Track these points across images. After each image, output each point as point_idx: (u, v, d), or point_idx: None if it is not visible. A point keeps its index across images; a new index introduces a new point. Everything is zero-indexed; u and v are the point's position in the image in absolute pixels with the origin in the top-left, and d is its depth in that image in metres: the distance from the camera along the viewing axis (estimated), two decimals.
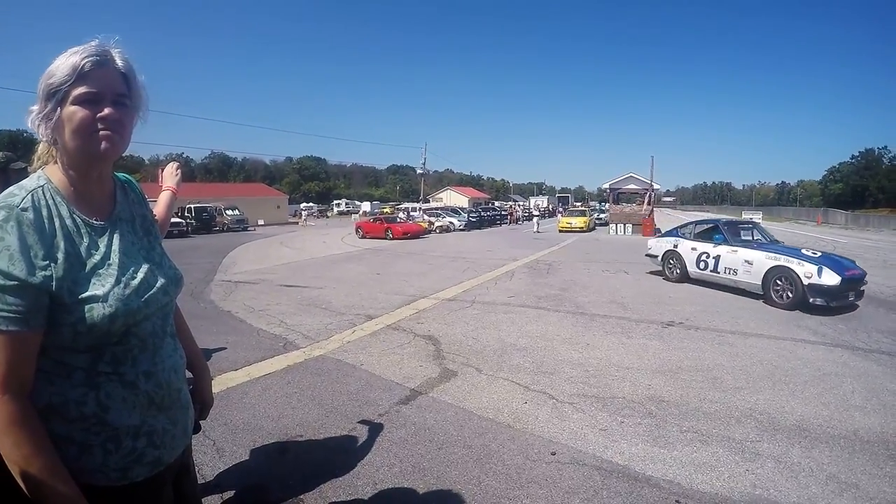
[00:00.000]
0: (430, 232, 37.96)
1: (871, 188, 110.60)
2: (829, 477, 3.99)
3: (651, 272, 15.32)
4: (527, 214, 56.80)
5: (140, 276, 1.49)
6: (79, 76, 1.38)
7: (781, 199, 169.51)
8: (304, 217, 53.99)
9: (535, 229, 40.29)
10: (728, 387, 5.94)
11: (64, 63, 1.38)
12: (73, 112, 1.39)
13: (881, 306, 11.00)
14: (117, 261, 1.45)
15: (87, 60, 1.39)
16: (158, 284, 1.54)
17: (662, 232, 17.99)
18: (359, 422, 4.87)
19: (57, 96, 1.38)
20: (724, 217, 29.68)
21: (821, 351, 7.48)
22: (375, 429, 4.71)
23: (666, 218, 61.08)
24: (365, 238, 31.77)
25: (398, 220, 35.53)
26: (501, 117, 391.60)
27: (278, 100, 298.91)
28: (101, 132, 1.41)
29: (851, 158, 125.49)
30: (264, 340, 7.74)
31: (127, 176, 1.71)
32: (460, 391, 5.72)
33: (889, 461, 4.26)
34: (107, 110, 1.41)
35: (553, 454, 4.29)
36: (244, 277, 14.77)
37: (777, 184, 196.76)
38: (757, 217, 32.93)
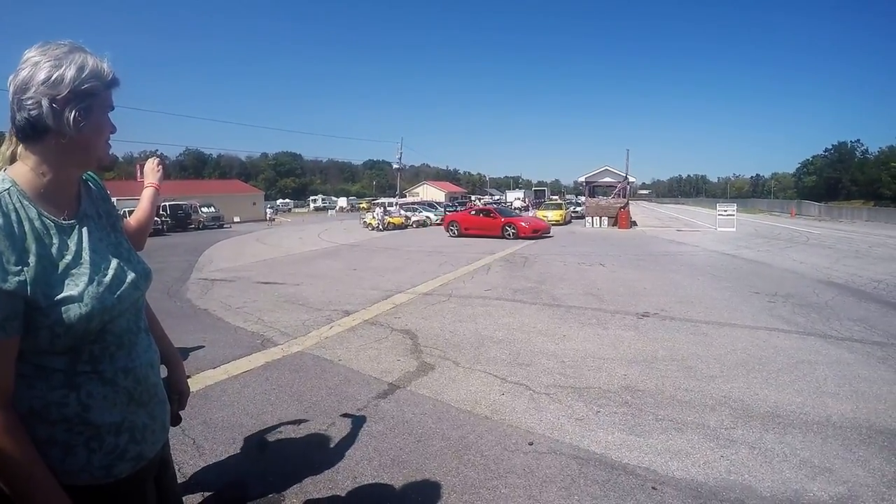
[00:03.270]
0: (406, 227, 38.03)
1: (843, 180, 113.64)
2: (803, 462, 4.14)
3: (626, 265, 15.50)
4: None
5: (111, 272, 1.50)
6: (112, 83, 1.46)
7: (756, 191, 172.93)
8: (268, 216, 53.16)
9: None
10: (703, 375, 6.10)
11: (101, 65, 1.44)
12: (104, 119, 1.47)
13: (853, 295, 11.31)
14: (88, 259, 1.46)
15: (111, 70, 1.46)
16: (129, 280, 1.55)
17: (637, 224, 18.60)
18: (338, 417, 4.93)
19: (95, 98, 1.43)
20: None
21: (794, 339, 7.70)
22: (354, 423, 4.76)
23: (641, 211, 61.99)
24: (463, 236, 27.53)
25: (515, 211, 33.30)
26: (478, 111, 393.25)
27: (253, 95, 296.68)
28: (108, 143, 1.51)
29: (825, 151, 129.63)
30: (242, 338, 7.79)
31: (90, 173, 1.71)
32: (438, 384, 5.80)
33: (861, 445, 4.42)
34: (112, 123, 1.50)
35: (530, 444, 4.39)
36: (221, 275, 14.83)
37: (752, 176, 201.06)
38: (731, 209, 33.32)
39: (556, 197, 70.28)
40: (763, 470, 4.00)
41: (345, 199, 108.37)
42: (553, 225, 36.86)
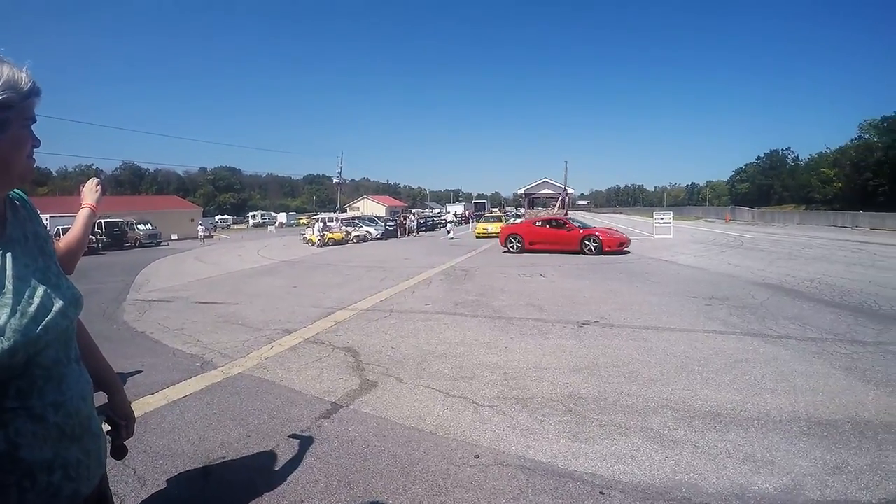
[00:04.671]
0: (346, 242, 37.83)
1: (775, 186, 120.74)
2: (746, 457, 4.35)
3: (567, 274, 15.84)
4: (423, 223, 56.76)
5: (37, 301, 1.42)
6: (32, 93, 1.39)
7: (691, 199, 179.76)
8: (201, 235, 51.63)
9: (449, 236, 40.95)
10: (644, 380, 6.31)
11: (19, 75, 1.37)
12: (23, 133, 1.39)
13: (787, 295, 11.97)
14: (12, 288, 1.38)
15: (31, 79, 1.39)
16: (57, 308, 1.47)
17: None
18: (282, 439, 4.87)
19: (12, 110, 1.36)
20: None
21: (731, 340, 8.07)
22: (299, 445, 4.72)
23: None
24: (528, 252, 23.79)
25: (581, 221, 27.00)
26: (418, 125, 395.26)
27: (192, 108, 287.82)
28: (32, 157, 1.43)
29: (757, 159, 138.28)
30: (181, 361, 7.69)
31: (18, 191, 1.62)
32: (381, 401, 5.80)
33: (801, 437, 4.69)
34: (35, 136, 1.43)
35: (477, 457, 4.43)
36: (158, 296, 14.65)
37: (687, 185, 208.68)
38: (667, 217, 34.50)
39: (496, 209, 71.33)
40: (707, 468, 4.18)
41: (284, 214, 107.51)
42: (493, 237, 37.34)
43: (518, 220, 48.88)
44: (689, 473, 4.09)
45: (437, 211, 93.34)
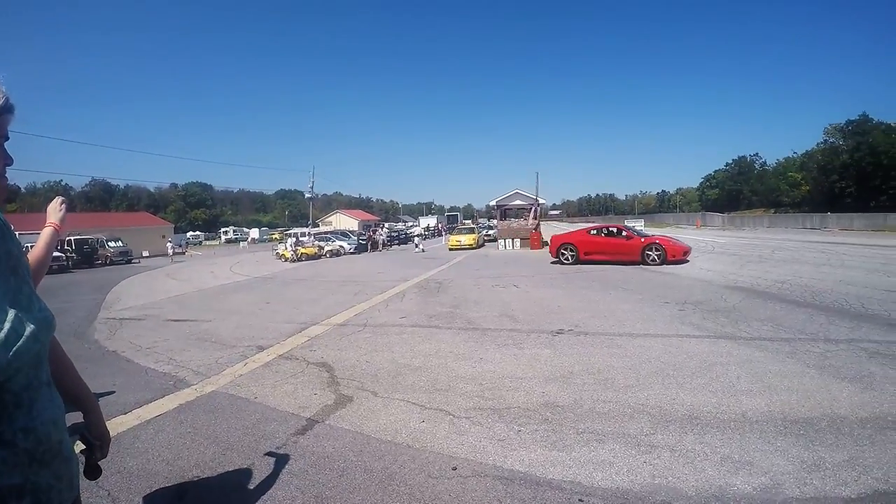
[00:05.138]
0: (320, 257, 37.64)
1: (744, 191, 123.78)
2: (724, 458, 4.39)
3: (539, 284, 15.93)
4: (395, 236, 56.59)
5: (7, 326, 1.36)
6: (4, 110, 1.34)
7: (662, 206, 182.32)
8: (170, 252, 50.81)
9: (417, 249, 40.98)
10: (619, 386, 6.36)
11: None
12: None
13: (759, 297, 12.21)
14: None
15: (4, 95, 1.35)
16: (28, 333, 1.41)
17: (549, 244, 18.50)
18: (257, 457, 4.81)
19: None
20: None
21: (705, 344, 8.19)
22: (274, 462, 4.67)
23: (553, 231, 63.85)
24: (582, 263, 22.43)
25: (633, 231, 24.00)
26: (390, 138, 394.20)
27: (163, 123, 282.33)
28: (5, 176, 1.38)
29: (726, 165, 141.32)
30: (154, 380, 7.61)
31: None
32: (357, 416, 5.77)
33: (778, 437, 4.76)
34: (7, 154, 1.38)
35: (454, 469, 4.42)
36: (130, 314, 14.48)
37: (658, 192, 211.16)
38: (639, 225, 35.07)
39: (469, 221, 71.64)
40: (686, 471, 4.20)
41: (257, 230, 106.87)
42: (466, 249, 37.43)
43: (491, 232, 49.10)
44: (668, 477, 4.11)
45: (410, 224, 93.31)
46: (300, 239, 41.95)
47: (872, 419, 5.13)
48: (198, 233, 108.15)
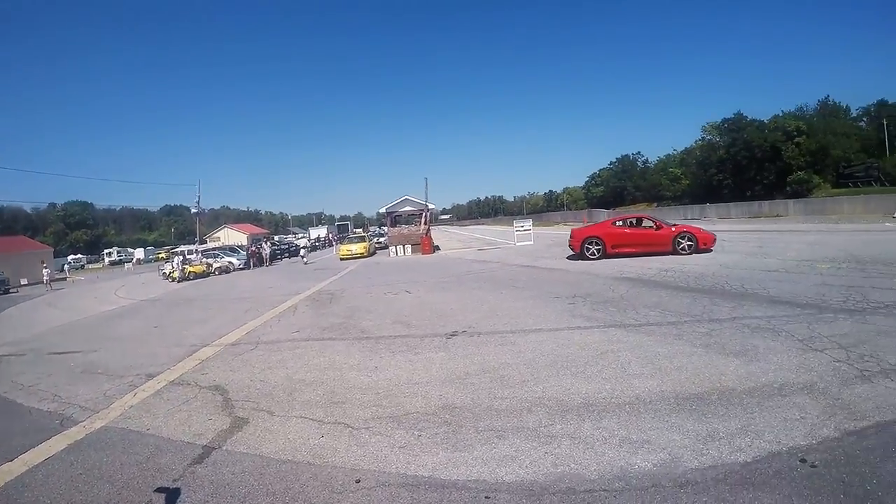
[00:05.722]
0: (208, 274, 36.17)
1: (628, 188, 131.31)
2: (622, 440, 4.59)
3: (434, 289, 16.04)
4: (285, 249, 55.29)
5: None
6: None
7: (550, 205, 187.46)
8: (46, 279, 47.10)
9: (304, 261, 40.29)
10: (515, 382, 6.50)
11: None
12: None
13: (645, 286, 12.87)
14: None
15: None
16: None
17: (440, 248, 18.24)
18: (154, 492, 4.57)
19: None
20: None
21: (596, 334, 8.52)
22: (172, 496, 4.45)
23: (444, 235, 64.66)
24: (609, 257, 20.51)
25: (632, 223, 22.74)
26: (278, 149, 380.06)
27: (36, 138, 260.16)
28: None
29: (610, 164, 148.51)
30: (38, 420, 7.19)
31: None
32: (254, 438, 5.59)
33: (672, 414, 5.05)
34: None
35: (358, 482, 4.36)
36: (8, 350, 13.58)
37: (545, 192, 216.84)
38: (527, 224, 35.82)
39: (360, 230, 71.31)
40: (587, 456, 4.36)
41: (142, 249, 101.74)
42: (358, 258, 37.09)
43: (382, 239, 48.90)
44: (570, 465, 4.24)
45: (301, 236, 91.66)
46: (187, 257, 40.22)
47: (759, 388, 5.56)
48: (79, 256, 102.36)
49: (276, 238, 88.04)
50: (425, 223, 40.13)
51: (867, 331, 7.43)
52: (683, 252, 19.51)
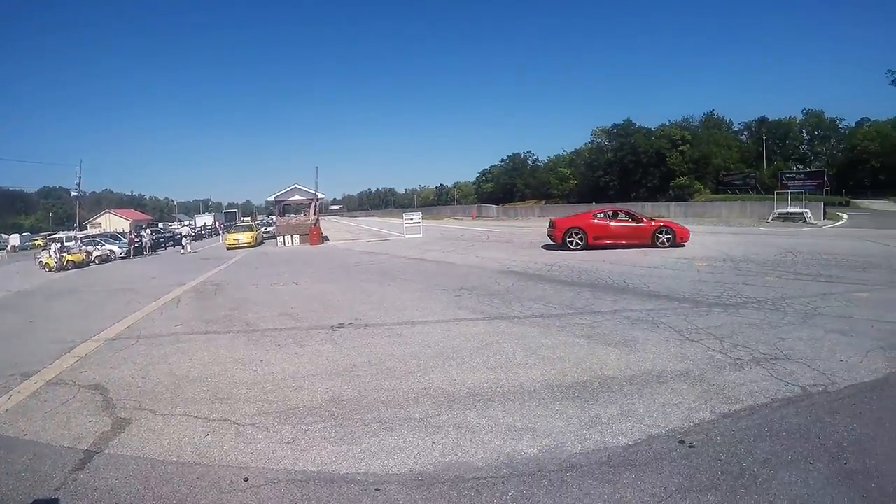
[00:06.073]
0: (88, 263, 33.92)
1: (518, 185, 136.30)
2: (508, 427, 4.72)
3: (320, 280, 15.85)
4: (169, 237, 52.87)
5: None
6: None
7: (441, 199, 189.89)
8: None
9: (185, 250, 38.57)
10: (402, 373, 6.55)
11: None
12: None
13: (530, 279, 13.27)
14: None
15: None
16: None
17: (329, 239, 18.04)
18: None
19: None
20: None
21: (481, 325, 8.73)
22: None
23: (333, 226, 63.92)
24: (591, 248, 20.78)
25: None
26: (164, 132, 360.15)
27: None
28: None
29: (501, 161, 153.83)
30: None
31: None
32: (138, 440, 5.28)
33: (556, 402, 5.26)
34: None
35: (246, 480, 4.23)
36: None
37: (436, 186, 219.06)
38: (417, 217, 36.09)
39: (248, 218, 69.38)
40: (473, 444, 4.45)
41: (17, 235, 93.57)
42: (245, 247, 35.99)
43: (270, 229, 47.65)
44: (458, 454, 4.31)
45: (188, 222, 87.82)
46: (66, 244, 37.59)
47: (638, 376, 5.92)
48: None
49: (161, 225, 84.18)
50: (315, 213, 39.54)
51: (739, 323, 8.11)
52: (662, 246, 20.23)
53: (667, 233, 20.64)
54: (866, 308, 8.99)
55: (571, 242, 21.10)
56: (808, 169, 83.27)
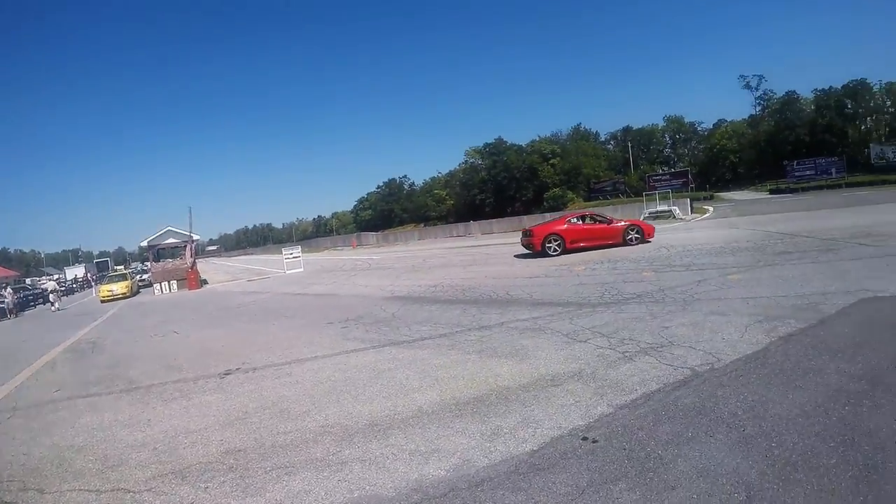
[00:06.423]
0: None
1: (395, 210, 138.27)
2: (412, 453, 4.70)
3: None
4: (36, 295, 49.13)
5: None
6: None
7: (319, 231, 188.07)
8: None
9: (53, 308, 35.92)
10: (297, 414, 6.37)
11: None
12: None
13: (416, 302, 13.38)
14: None
15: None
16: None
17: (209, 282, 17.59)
18: None
19: None
20: None
21: (372, 354, 8.69)
22: None
23: (212, 267, 61.72)
24: (569, 252, 21.49)
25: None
26: (24, 178, 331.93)
27: None
28: None
29: (377, 188, 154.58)
30: None
31: None
32: None
33: (455, 420, 5.31)
34: None
35: None
36: None
37: (314, 218, 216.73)
38: (296, 251, 35.50)
39: (121, 267, 65.96)
40: (380, 475, 4.39)
41: None
42: (120, 298, 34.01)
43: (146, 276, 45.35)
44: (366, 487, 4.24)
45: (58, 277, 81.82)
46: None
47: (533, 383, 6.09)
48: None
49: (28, 281, 78.24)
50: (191, 256, 38.00)
51: (624, 318, 8.54)
52: (631, 243, 21.34)
53: (636, 232, 21.97)
54: (739, 288, 9.77)
55: (550, 248, 21.71)
56: (673, 169, 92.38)
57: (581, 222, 23.03)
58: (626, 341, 7.27)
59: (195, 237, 39.61)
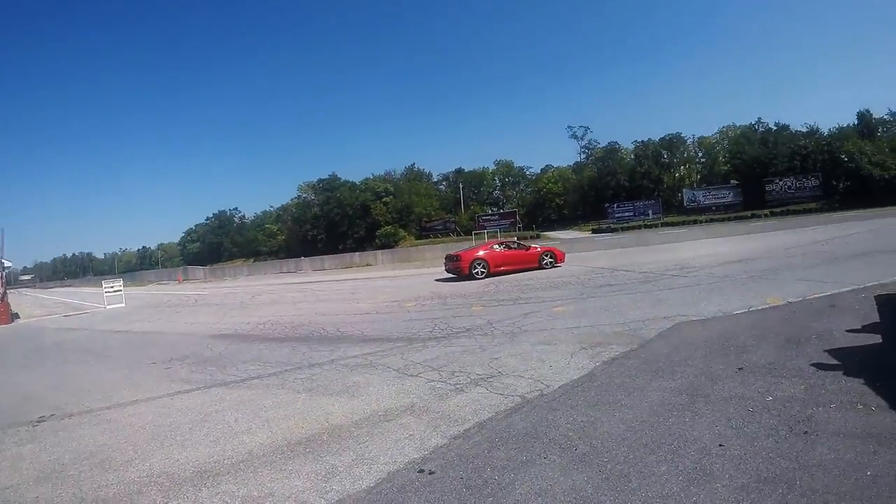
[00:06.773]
0: None
1: (225, 243, 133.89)
2: (244, 499, 4.54)
3: None
4: None
5: None
6: None
7: (144, 263, 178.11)
8: None
9: None
10: (119, 464, 5.85)
11: None
12: None
13: (244, 341, 13.00)
14: None
15: None
16: None
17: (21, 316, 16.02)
18: None
19: None
20: None
21: (197, 396, 8.27)
22: None
23: (23, 300, 55.91)
24: (493, 275, 23.71)
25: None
26: None
27: None
28: None
29: (207, 220, 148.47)
30: None
31: None
32: None
33: (288, 461, 5.21)
34: None
35: None
36: None
37: (139, 249, 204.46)
38: (118, 285, 33.13)
39: None
40: None
41: None
42: None
43: None
44: None
45: None
46: None
47: (366, 419, 6.12)
48: None
49: None
50: (1, 286, 34.31)
51: (454, 352, 8.83)
52: (546, 266, 24.63)
53: (550, 256, 25.23)
54: (564, 319, 10.43)
55: (477, 272, 23.70)
56: (502, 210, 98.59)
57: (503, 248, 25.59)
58: (456, 374, 7.51)
59: (7, 264, 35.86)
